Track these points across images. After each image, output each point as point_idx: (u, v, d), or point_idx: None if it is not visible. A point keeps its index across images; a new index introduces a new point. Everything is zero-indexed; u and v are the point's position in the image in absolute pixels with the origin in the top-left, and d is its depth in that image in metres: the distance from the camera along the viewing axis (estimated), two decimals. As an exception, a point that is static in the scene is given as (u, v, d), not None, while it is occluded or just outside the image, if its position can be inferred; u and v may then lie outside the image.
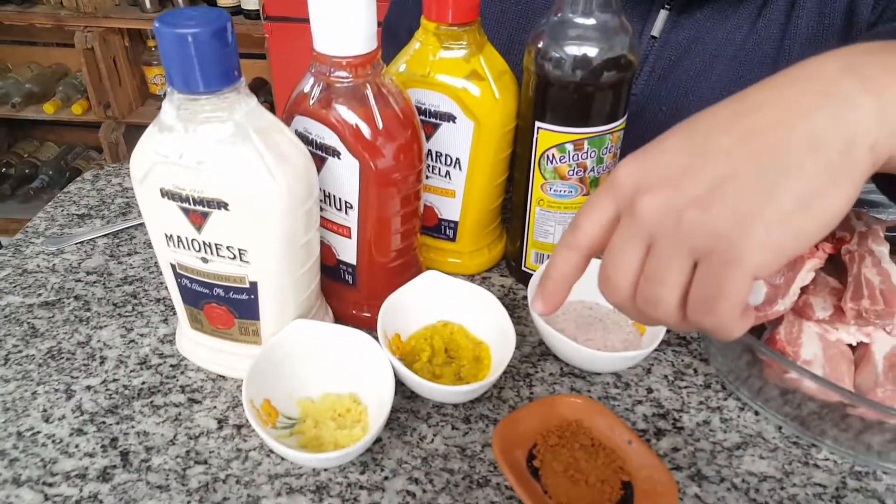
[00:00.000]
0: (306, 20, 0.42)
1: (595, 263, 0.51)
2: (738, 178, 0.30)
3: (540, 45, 0.46)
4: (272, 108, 1.92)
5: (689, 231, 0.31)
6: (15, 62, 2.10)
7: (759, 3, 0.59)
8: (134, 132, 2.00)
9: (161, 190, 0.40)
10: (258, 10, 1.71)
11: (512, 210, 0.56)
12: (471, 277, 0.58)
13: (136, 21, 1.82)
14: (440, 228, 0.57)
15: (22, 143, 2.24)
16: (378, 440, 0.44)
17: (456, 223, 0.56)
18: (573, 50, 0.45)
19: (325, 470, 0.42)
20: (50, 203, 0.68)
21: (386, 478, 0.42)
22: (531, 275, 0.52)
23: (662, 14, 0.61)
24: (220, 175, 0.39)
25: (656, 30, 0.61)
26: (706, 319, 0.31)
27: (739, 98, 0.33)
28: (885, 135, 0.30)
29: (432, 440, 0.44)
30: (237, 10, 1.81)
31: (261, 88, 2.00)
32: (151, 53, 1.98)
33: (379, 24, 0.43)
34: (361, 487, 0.41)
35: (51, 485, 0.42)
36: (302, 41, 0.42)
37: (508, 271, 0.59)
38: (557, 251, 0.37)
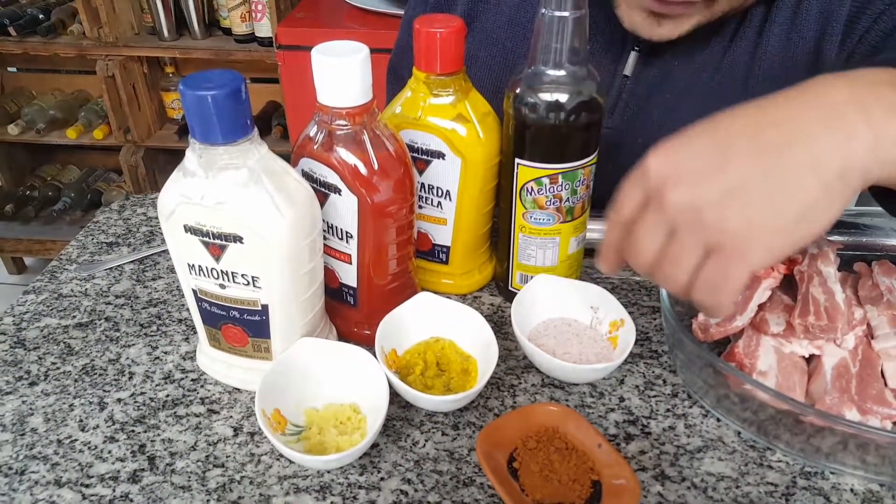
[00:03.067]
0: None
1: (567, 283, 0.56)
2: (751, 188, 0.36)
3: (517, 92, 0.52)
4: (286, 131, 1.98)
5: (706, 227, 0.37)
6: (39, 89, 2.18)
7: (725, 45, 0.64)
8: (153, 155, 2.07)
9: (185, 226, 0.46)
10: (271, 38, 1.79)
11: (499, 235, 0.61)
12: (463, 297, 0.64)
13: (155, 49, 1.89)
14: (434, 253, 0.62)
15: (45, 166, 2.31)
16: (375, 445, 0.49)
17: (448, 248, 0.61)
18: (546, 96, 0.50)
19: (329, 471, 0.47)
20: (81, 232, 0.75)
21: (382, 478, 0.47)
22: (517, 294, 0.57)
23: (633, 55, 0.66)
24: (235, 213, 0.45)
25: (628, 69, 0.67)
26: (708, 300, 0.38)
27: (759, 108, 0.38)
28: (877, 165, 0.36)
29: (424, 445, 0.49)
30: (251, 38, 1.88)
31: (274, 112, 2.07)
32: (169, 79, 2.05)
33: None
34: (360, 487, 0.47)
35: (87, 486, 0.47)
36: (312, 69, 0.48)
37: (497, 291, 0.65)
38: (608, 227, 0.44)
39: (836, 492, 0.46)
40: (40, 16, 1.89)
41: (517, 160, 0.54)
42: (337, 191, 0.51)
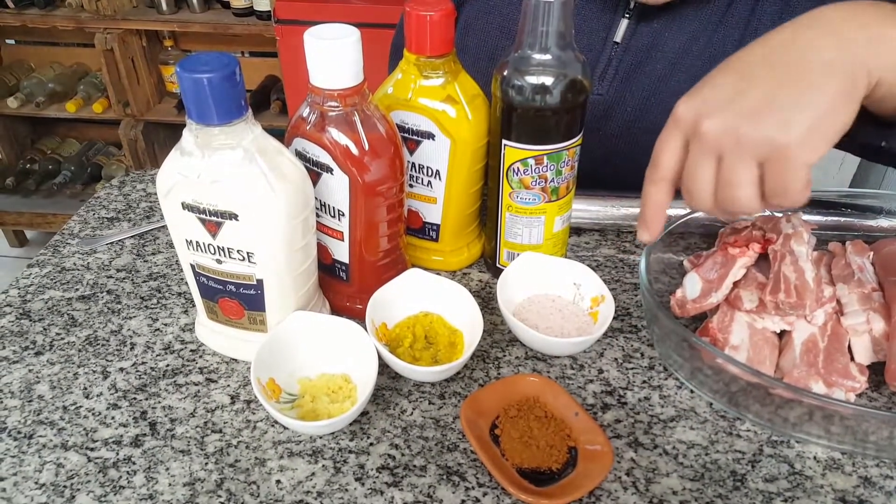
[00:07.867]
0: (315, 23, 0.50)
1: (551, 260, 0.58)
2: (778, 96, 0.40)
3: (505, 74, 0.53)
4: (284, 106, 1.99)
5: (749, 142, 0.40)
6: (38, 62, 2.18)
7: (716, 19, 0.65)
8: (152, 129, 2.08)
9: (182, 203, 0.48)
10: (270, 12, 1.78)
11: (487, 214, 0.63)
12: (452, 273, 0.66)
13: (154, 23, 1.89)
14: (424, 230, 0.64)
15: (45, 139, 2.32)
16: (365, 413, 0.52)
17: (438, 226, 0.63)
18: (532, 80, 0.52)
19: (321, 437, 0.50)
20: (82, 207, 0.77)
21: (371, 444, 0.50)
22: (503, 270, 0.60)
23: (624, 22, 0.68)
24: (231, 191, 0.46)
25: (618, 36, 0.68)
26: (783, 202, 0.41)
27: (762, 42, 0.43)
28: (877, 66, 0.40)
29: (412, 413, 0.52)
30: (250, 12, 1.87)
31: (274, 86, 2.07)
32: (168, 53, 2.05)
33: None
34: (350, 452, 0.49)
35: (92, 449, 0.49)
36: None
37: (486, 267, 0.67)
38: (647, 187, 0.46)
39: (800, 459, 0.49)
40: (38, -12, 1.89)
41: (504, 141, 0.55)
42: (329, 170, 0.52)
